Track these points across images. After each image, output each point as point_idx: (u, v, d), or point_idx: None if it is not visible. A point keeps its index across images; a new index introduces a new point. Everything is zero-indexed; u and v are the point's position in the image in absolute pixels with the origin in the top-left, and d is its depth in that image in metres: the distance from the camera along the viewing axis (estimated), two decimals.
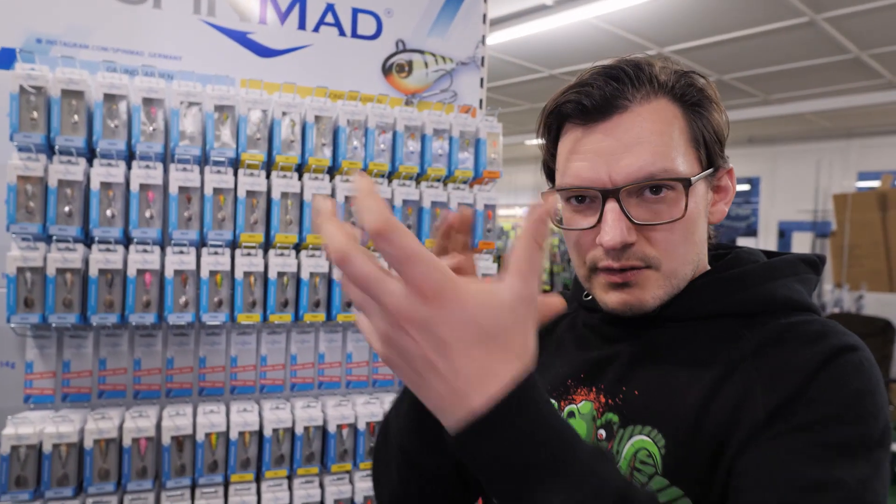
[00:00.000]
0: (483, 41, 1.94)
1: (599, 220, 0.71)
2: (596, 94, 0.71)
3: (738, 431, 0.64)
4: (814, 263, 0.79)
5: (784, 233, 9.08)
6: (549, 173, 0.82)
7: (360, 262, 0.43)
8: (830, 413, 0.61)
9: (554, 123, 0.77)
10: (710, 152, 0.74)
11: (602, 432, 0.74)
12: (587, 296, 0.83)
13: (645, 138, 0.70)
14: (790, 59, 5.61)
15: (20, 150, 1.41)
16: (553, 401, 0.80)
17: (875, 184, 6.96)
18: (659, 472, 0.67)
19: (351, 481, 1.67)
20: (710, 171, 0.74)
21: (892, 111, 7.33)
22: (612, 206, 0.70)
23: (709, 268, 0.80)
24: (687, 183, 0.70)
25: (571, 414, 0.78)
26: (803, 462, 0.59)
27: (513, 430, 0.46)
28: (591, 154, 0.71)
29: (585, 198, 0.74)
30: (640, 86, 0.72)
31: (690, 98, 0.73)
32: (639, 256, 0.71)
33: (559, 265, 8.62)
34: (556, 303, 0.56)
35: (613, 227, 0.69)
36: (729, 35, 5.00)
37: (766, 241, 9.21)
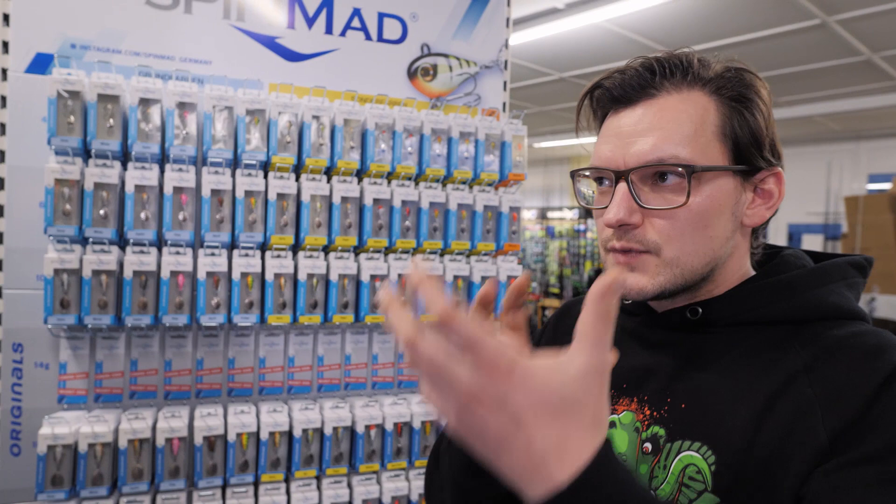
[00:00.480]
0: (506, 45, 1.95)
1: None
2: (625, 81, 0.74)
3: (797, 453, 0.63)
4: (861, 267, 0.78)
5: (793, 235, 9.06)
6: None
7: (427, 346, 0.45)
8: (894, 441, 0.60)
9: (599, 110, 0.80)
10: (742, 149, 0.73)
11: (648, 445, 0.74)
12: (626, 299, 0.83)
13: (661, 125, 0.72)
14: (801, 61, 5.61)
15: (57, 153, 1.43)
16: None
17: (886, 186, 6.94)
18: (709, 488, 0.67)
19: (378, 482, 1.68)
20: (740, 168, 0.73)
21: None
22: (621, 186, 0.72)
23: (753, 272, 0.79)
24: (690, 170, 0.70)
25: (612, 424, 0.78)
26: (877, 495, 0.58)
27: (598, 499, 0.46)
28: (613, 137, 0.75)
29: (606, 179, 0.76)
30: (671, 76, 0.74)
31: (728, 93, 0.73)
32: (639, 239, 0.73)
33: (568, 268, 8.62)
34: (521, 281, 0.61)
35: (616, 205, 0.72)
36: (740, 38, 5.00)
37: (774, 243, 9.18)
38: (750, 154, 0.73)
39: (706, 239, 0.73)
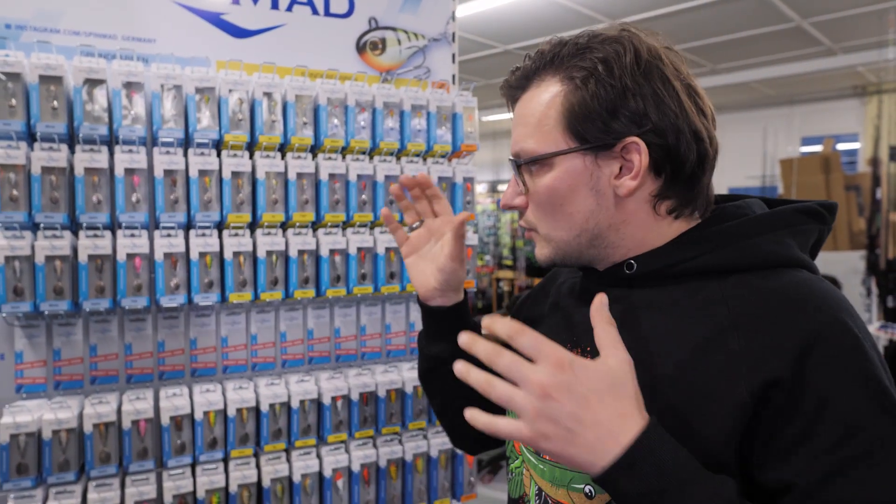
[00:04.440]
0: (453, 17, 1.97)
1: None
2: (509, 78, 0.84)
3: (718, 406, 0.67)
4: (815, 213, 0.78)
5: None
6: None
7: (505, 355, 0.62)
8: (853, 410, 0.63)
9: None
10: (582, 129, 0.75)
11: None
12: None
13: (519, 120, 0.82)
14: (736, 28, 5.78)
15: (0, 138, 1.39)
16: None
17: (818, 148, 7.26)
18: None
19: (347, 450, 1.72)
20: (585, 147, 0.75)
21: (833, 77, 7.64)
22: (512, 174, 0.85)
23: (685, 229, 0.79)
24: (515, 164, 0.82)
25: None
26: (864, 482, 0.62)
27: (657, 457, 0.61)
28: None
29: None
30: (539, 66, 0.80)
31: (578, 74, 0.75)
32: (526, 219, 0.85)
33: (521, 240, 8.74)
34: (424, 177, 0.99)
35: (506, 191, 0.86)
36: (677, 6, 5.12)
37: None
38: (591, 132, 0.75)
39: (566, 216, 0.80)
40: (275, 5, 1.75)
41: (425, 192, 1.02)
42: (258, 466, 1.62)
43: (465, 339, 0.63)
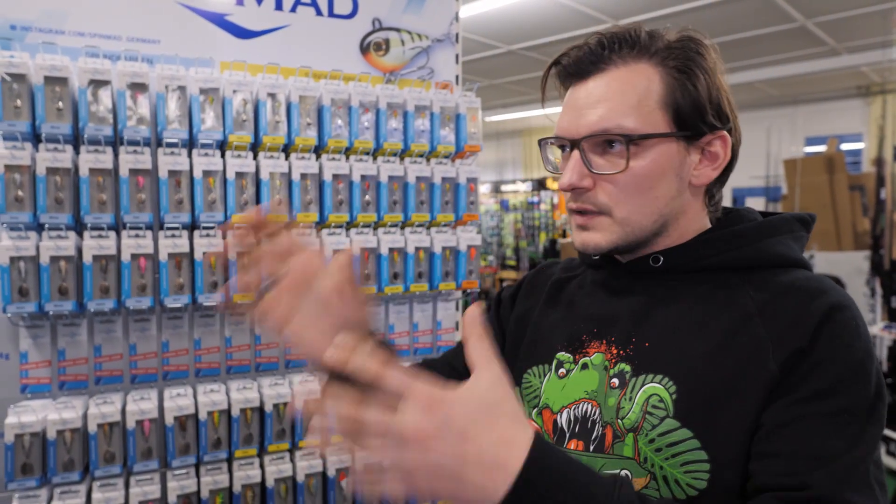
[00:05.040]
0: (457, 17, 1.97)
1: None
2: (580, 56, 0.81)
3: (751, 384, 0.71)
4: (805, 222, 0.87)
5: (737, 199, 9.38)
6: None
7: (371, 414, 0.53)
8: (838, 378, 0.69)
9: (560, 84, 0.86)
10: (684, 116, 0.78)
11: (615, 381, 0.81)
12: (585, 252, 0.90)
13: (609, 97, 0.78)
14: (740, 28, 5.78)
15: (5, 139, 1.39)
16: (569, 355, 0.87)
17: (821, 148, 7.25)
18: (670, 414, 0.74)
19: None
20: (681, 134, 0.79)
21: (837, 77, 7.62)
22: (574, 154, 0.80)
23: (710, 227, 0.86)
24: (627, 139, 0.77)
25: (585, 366, 0.85)
26: (824, 426, 0.67)
27: (550, 474, 0.55)
28: (570, 108, 0.82)
29: (565, 147, 0.83)
30: (619, 50, 0.80)
31: (673, 63, 0.79)
32: (591, 201, 0.81)
33: (524, 240, 8.74)
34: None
35: (569, 171, 0.80)
36: (680, 7, 5.12)
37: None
38: (692, 120, 0.79)
39: (651, 199, 0.80)
40: (279, 6, 1.75)
41: (260, 235, 0.75)
42: (262, 466, 1.63)
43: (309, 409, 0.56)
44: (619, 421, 0.78)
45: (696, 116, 0.79)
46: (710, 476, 0.71)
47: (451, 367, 0.98)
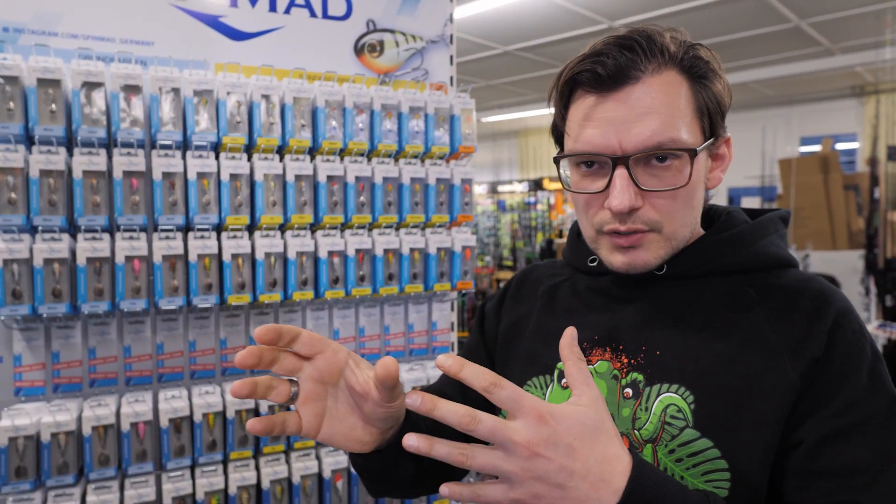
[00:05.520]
0: (451, 19, 1.98)
1: (608, 185, 0.75)
2: (610, 64, 0.74)
3: (770, 391, 0.72)
4: (785, 220, 0.88)
5: (733, 199, 9.41)
6: (559, 136, 0.85)
7: (486, 417, 0.57)
8: (860, 386, 0.71)
9: (566, 90, 0.80)
10: (712, 122, 0.78)
11: (629, 391, 0.79)
12: (593, 261, 0.89)
13: (655, 109, 0.73)
14: (735, 29, 5.79)
15: None
16: None
17: (816, 148, 7.27)
18: (690, 424, 0.73)
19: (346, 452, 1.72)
20: (712, 140, 0.79)
21: (831, 78, 7.65)
22: (621, 172, 0.74)
23: (702, 230, 0.85)
24: (693, 153, 0.74)
25: None
26: (858, 445, 0.69)
27: (653, 490, 0.60)
28: (604, 122, 0.75)
29: (594, 163, 0.77)
30: (651, 57, 0.74)
31: (697, 70, 0.77)
32: (643, 220, 0.76)
33: (521, 241, 8.75)
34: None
35: (622, 192, 0.73)
36: (675, 7, 5.13)
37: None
38: (716, 124, 0.79)
39: (692, 210, 0.79)
40: (273, 8, 1.75)
41: (280, 343, 0.68)
42: (257, 468, 1.63)
43: (427, 406, 0.57)
44: (636, 432, 0.77)
45: (716, 122, 0.79)
46: (731, 485, 0.71)
47: (443, 393, 0.95)
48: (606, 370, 0.82)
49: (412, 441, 0.58)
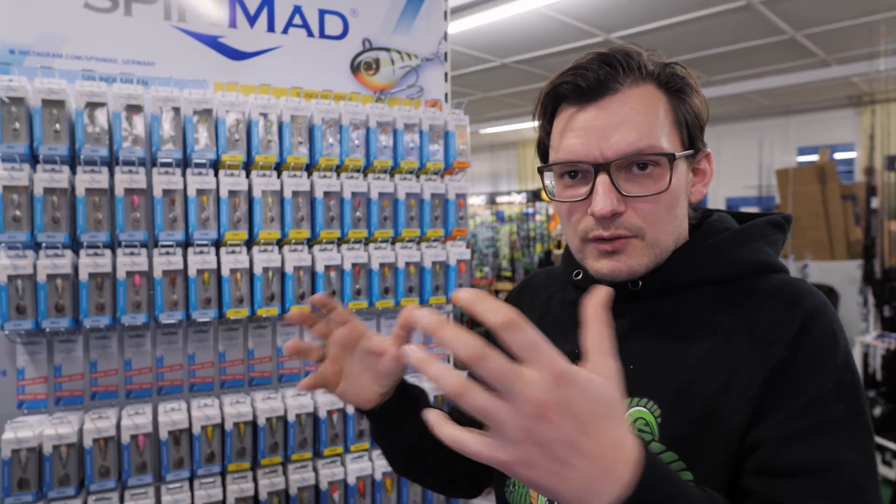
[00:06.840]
0: (445, 37, 2.02)
1: (591, 192, 0.78)
2: (590, 76, 0.78)
3: (735, 403, 0.72)
4: (779, 224, 0.88)
5: (731, 209, 9.44)
6: (544, 152, 0.88)
7: (494, 357, 0.45)
8: (825, 388, 0.70)
9: (550, 104, 0.84)
10: (691, 135, 0.81)
11: None
12: (577, 275, 0.91)
13: (633, 118, 0.77)
14: (730, 41, 5.85)
15: (4, 160, 1.43)
16: None
17: (814, 158, 7.31)
18: (656, 438, 0.74)
19: (343, 464, 1.75)
20: (692, 151, 0.82)
21: (827, 88, 7.70)
22: (602, 179, 0.76)
23: (687, 238, 0.86)
24: (671, 158, 0.77)
25: None
26: (819, 446, 0.68)
27: (661, 484, 0.52)
28: (584, 131, 0.78)
29: (577, 173, 0.81)
30: (629, 71, 0.78)
31: (674, 84, 0.80)
32: (626, 226, 0.78)
33: (519, 251, 8.77)
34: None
35: (604, 197, 0.76)
36: (671, 20, 5.19)
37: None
38: (694, 138, 0.82)
39: (674, 218, 0.81)
40: (271, 28, 1.79)
41: (324, 310, 0.93)
42: (255, 480, 1.65)
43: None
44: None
45: (696, 135, 0.82)
46: None
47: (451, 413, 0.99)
48: None
49: (411, 351, 0.49)
